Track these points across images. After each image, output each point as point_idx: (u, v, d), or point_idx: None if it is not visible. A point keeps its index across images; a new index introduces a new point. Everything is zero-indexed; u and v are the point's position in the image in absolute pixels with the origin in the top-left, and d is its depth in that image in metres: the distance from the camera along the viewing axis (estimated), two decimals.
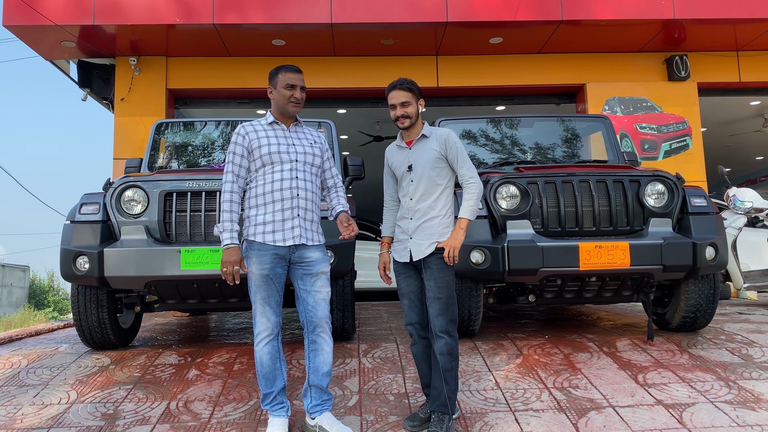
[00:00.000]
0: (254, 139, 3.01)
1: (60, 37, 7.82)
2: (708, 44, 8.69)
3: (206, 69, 8.68)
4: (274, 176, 2.98)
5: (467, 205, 3.02)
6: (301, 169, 3.04)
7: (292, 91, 3.06)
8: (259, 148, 2.99)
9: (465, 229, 3.00)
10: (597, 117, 5.68)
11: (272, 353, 2.96)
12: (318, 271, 3.03)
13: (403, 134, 3.20)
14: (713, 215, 4.25)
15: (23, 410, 3.40)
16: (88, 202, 4.13)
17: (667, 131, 8.82)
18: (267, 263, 2.92)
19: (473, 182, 3.04)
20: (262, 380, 2.98)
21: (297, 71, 3.09)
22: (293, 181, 3.00)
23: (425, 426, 3.05)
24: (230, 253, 2.87)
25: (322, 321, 3.02)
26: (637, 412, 3.19)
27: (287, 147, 3.04)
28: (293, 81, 3.06)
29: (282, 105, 3.08)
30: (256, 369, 2.98)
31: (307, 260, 3.02)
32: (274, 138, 3.04)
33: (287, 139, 3.08)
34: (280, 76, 3.07)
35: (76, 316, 4.29)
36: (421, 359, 3.15)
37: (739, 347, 4.17)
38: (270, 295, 2.94)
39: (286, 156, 3.02)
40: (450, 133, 3.12)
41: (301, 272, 3.02)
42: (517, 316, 5.94)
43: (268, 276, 2.93)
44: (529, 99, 9.31)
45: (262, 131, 3.05)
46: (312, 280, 3.02)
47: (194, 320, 6.40)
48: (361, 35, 8.12)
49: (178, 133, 5.58)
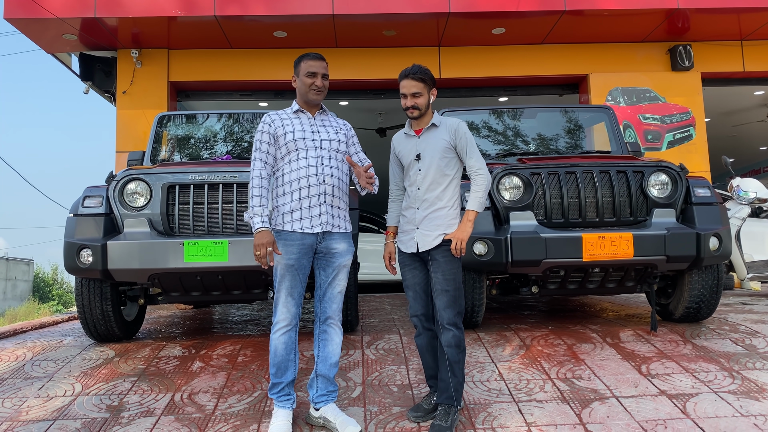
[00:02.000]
0: (279, 126, 3.03)
1: (61, 29, 7.80)
2: (712, 34, 8.63)
3: (208, 61, 8.66)
4: (299, 163, 2.99)
5: (475, 197, 2.99)
6: (326, 156, 3.05)
7: (314, 78, 3.07)
8: (284, 135, 3.01)
9: (473, 222, 2.97)
10: (600, 108, 5.66)
11: (288, 344, 2.97)
12: (341, 264, 3.07)
13: (412, 122, 3.16)
14: (717, 206, 4.24)
15: (28, 402, 3.42)
16: (91, 195, 4.13)
17: (670, 122, 8.79)
18: (294, 253, 2.94)
19: (482, 174, 3.01)
20: (273, 369, 2.99)
21: (319, 59, 3.10)
22: (319, 168, 3.01)
23: (429, 417, 3.06)
24: (262, 235, 2.87)
25: (335, 313, 3.08)
26: (641, 402, 3.19)
27: (311, 134, 3.06)
28: (314, 68, 3.07)
29: (304, 93, 3.09)
30: (270, 357, 2.99)
31: (333, 251, 3.05)
32: (298, 125, 3.06)
33: (312, 126, 3.09)
34: (302, 64, 3.08)
35: (80, 308, 4.30)
36: (425, 350, 3.15)
37: (743, 337, 4.17)
38: (294, 286, 2.95)
39: (311, 143, 3.03)
40: (460, 123, 3.08)
41: (324, 263, 3.05)
42: (520, 307, 5.94)
43: (294, 266, 2.94)
44: (531, 90, 9.28)
45: (287, 119, 3.07)
46: (333, 273, 3.06)
47: (198, 312, 6.42)
48: (362, 26, 8.09)
49: (181, 126, 5.58)
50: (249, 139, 5.46)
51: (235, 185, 4.03)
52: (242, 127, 5.54)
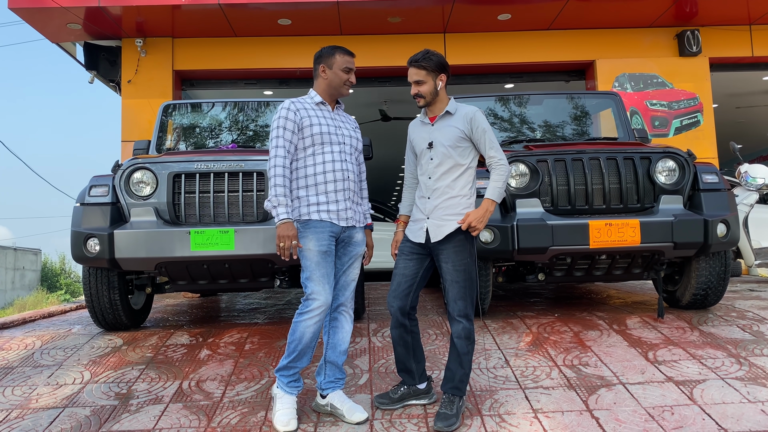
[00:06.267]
0: (305, 117, 2.97)
1: (65, 19, 7.79)
2: (720, 18, 8.54)
3: (212, 50, 8.64)
4: (325, 157, 2.97)
5: (495, 186, 2.92)
6: (348, 152, 3.05)
7: (349, 74, 3.07)
8: (310, 127, 2.96)
9: (491, 211, 2.89)
10: (607, 94, 5.62)
11: (316, 331, 2.90)
12: (358, 253, 3.09)
13: (427, 110, 3.08)
14: (725, 192, 4.21)
15: (38, 390, 3.44)
16: (97, 185, 4.14)
17: (677, 108, 8.72)
18: (325, 240, 2.91)
19: (503, 164, 2.94)
20: (294, 353, 2.90)
21: (353, 55, 3.10)
22: (343, 164, 3.01)
23: (395, 405, 3.06)
24: (287, 227, 2.81)
25: (347, 300, 3.09)
26: (648, 389, 3.19)
27: (335, 128, 3.04)
28: (352, 65, 3.07)
29: (337, 86, 3.06)
30: (292, 341, 2.88)
31: (354, 241, 3.07)
32: (323, 118, 3.03)
33: (335, 120, 3.07)
34: (338, 57, 3.04)
35: (88, 297, 4.32)
36: (397, 343, 3.09)
37: (750, 324, 4.16)
38: (329, 271, 2.92)
39: (335, 138, 3.02)
40: (476, 112, 2.98)
41: (342, 251, 3.06)
42: (526, 294, 5.94)
43: (327, 252, 2.92)
44: (538, 76, 9.22)
45: (311, 110, 3.02)
46: (350, 261, 3.07)
47: (205, 301, 6.44)
48: (367, 13, 8.03)
49: (186, 115, 5.57)
50: (254, 128, 5.45)
51: (240, 174, 4.02)
52: (247, 115, 5.53)
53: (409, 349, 3.09)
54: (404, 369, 3.11)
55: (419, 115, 3.16)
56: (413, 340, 3.09)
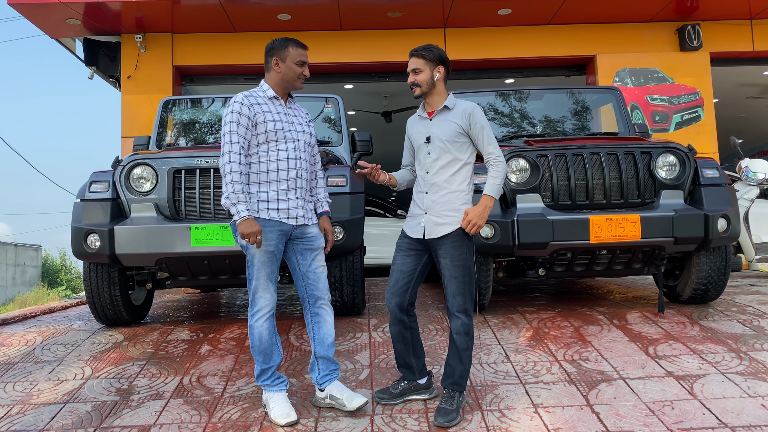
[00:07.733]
0: (259, 112, 2.92)
1: (65, 14, 7.77)
2: (721, 13, 8.52)
3: (212, 45, 8.62)
4: (279, 154, 2.93)
5: (493, 183, 2.90)
6: (302, 149, 3.02)
7: (303, 68, 3.02)
8: (264, 123, 2.91)
9: (490, 207, 2.86)
10: (607, 89, 5.61)
11: (270, 329, 2.94)
12: (318, 246, 3.05)
13: (425, 104, 3.06)
14: (725, 187, 4.21)
15: (39, 386, 3.45)
16: (97, 180, 4.14)
17: (678, 102, 8.71)
18: (273, 239, 2.89)
19: (500, 161, 2.92)
20: (260, 356, 2.94)
21: (307, 48, 3.05)
22: (297, 161, 2.97)
23: (396, 400, 3.07)
24: (250, 223, 2.78)
25: (323, 293, 3.05)
26: (648, 383, 3.20)
27: (289, 125, 3.00)
28: (305, 58, 3.03)
29: (290, 80, 3.02)
30: (254, 346, 2.93)
31: (308, 236, 3.03)
32: (276, 114, 2.98)
33: (288, 116, 3.03)
34: (292, 50, 2.99)
35: (88, 293, 4.33)
36: (397, 339, 3.09)
37: (751, 319, 4.16)
38: (273, 271, 2.92)
39: (290, 134, 2.98)
40: (475, 108, 2.96)
41: (302, 247, 3.01)
42: (526, 289, 5.94)
43: (273, 253, 2.90)
44: (538, 71, 9.20)
45: (264, 105, 2.97)
46: (312, 255, 3.03)
47: (205, 297, 6.45)
48: (367, 8, 8.02)
49: (186, 111, 5.57)
50: None
51: None
52: None
53: (409, 345, 3.09)
54: (404, 365, 3.11)
55: (418, 109, 3.15)
56: (412, 336, 3.09)
